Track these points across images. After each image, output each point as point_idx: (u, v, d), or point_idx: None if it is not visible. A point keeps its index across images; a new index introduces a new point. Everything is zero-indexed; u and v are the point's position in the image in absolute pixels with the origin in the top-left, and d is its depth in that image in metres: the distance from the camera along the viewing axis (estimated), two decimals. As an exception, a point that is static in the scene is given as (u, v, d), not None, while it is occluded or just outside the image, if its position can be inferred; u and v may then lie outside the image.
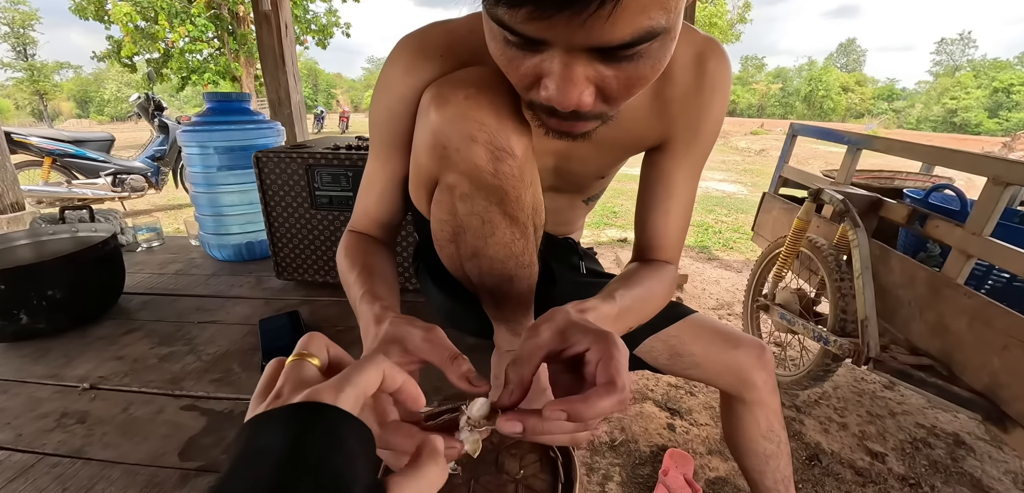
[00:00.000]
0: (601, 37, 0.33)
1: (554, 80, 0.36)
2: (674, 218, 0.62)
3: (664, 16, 0.33)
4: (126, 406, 0.75)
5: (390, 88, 0.54)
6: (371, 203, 0.62)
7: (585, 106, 0.38)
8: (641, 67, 0.37)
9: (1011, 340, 0.99)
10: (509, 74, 0.41)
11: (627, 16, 0.31)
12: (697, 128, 0.58)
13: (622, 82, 0.38)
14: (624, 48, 0.34)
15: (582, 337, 0.39)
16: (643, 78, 0.38)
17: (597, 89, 0.38)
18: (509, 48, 0.37)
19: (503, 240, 0.52)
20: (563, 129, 0.43)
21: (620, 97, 0.39)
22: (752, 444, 0.79)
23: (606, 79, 0.37)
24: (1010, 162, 1.05)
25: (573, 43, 0.34)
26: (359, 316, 0.50)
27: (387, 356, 0.39)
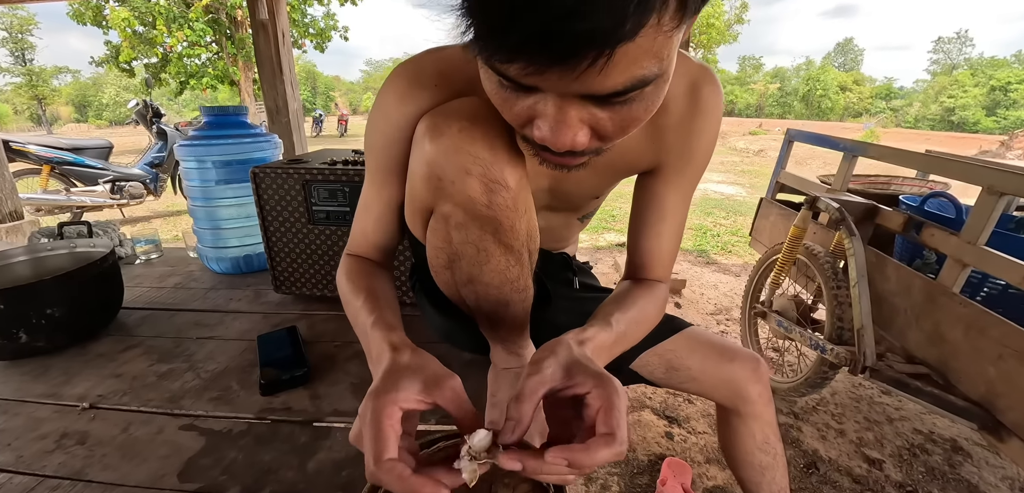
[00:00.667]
0: (593, 87, 0.33)
1: (548, 122, 0.37)
2: (666, 240, 0.63)
3: (656, 64, 0.34)
4: (125, 426, 0.76)
5: (385, 116, 0.55)
6: (369, 227, 0.63)
7: (579, 146, 0.38)
8: (635, 110, 0.38)
9: (1006, 350, 1.00)
10: (503, 113, 0.41)
11: (620, 68, 0.32)
12: (690, 153, 0.59)
13: (616, 124, 0.38)
14: (617, 95, 0.35)
15: (585, 379, 0.40)
16: (637, 119, 0.39)
17: (591, 129, 0.39)
18: (503, 90, 0.38)
19: (498, 267, 0.53)
20: (558, 163, 0.43)
21: (615, 137, 0.40)
22: (748, 456, 0.80)
23: (600, 121, 0.38)
24: (1004, 172, 1.06)
25: (567, 91, 0.34)
26: (370, 341, 0.50)
27: (408, 388, 0.40)
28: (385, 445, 0.37)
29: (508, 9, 0.29)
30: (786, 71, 65.80)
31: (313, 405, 0.79)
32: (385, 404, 0.38)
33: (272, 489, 0.63)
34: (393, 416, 0.38)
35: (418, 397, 0.40)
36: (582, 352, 0.44)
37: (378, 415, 0.38)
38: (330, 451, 0.69)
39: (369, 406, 0.39)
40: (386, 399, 0.39)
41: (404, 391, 0.40)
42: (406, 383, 0.41)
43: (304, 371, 0.84)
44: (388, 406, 0.38)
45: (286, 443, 0.71)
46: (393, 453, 0.37)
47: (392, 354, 0.45)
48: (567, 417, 0.43)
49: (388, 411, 0.38)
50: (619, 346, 0.55)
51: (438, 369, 0.43)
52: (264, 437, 0.72)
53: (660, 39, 0.32)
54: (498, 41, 0.31)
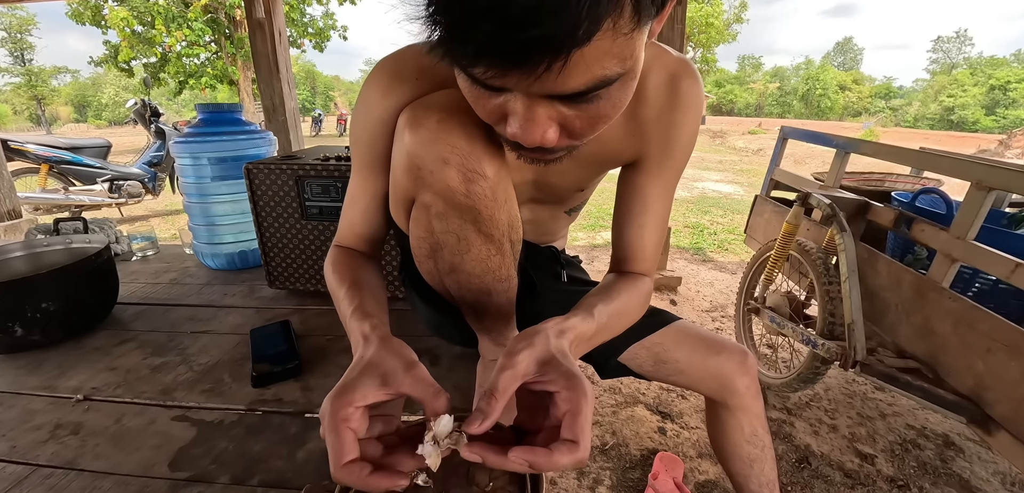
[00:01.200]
0: (555, 88, 0.34)
1: (518, 120, 0.38)
2: (649, 232, 0.64)
3: (618, 64, 0.34)
4: (119, 417, 0.76)
5: (368, 110, 0.56)
6: (356, 219, 0.64)
7: (549, 142, 0.39)
8: (602, 107, 0.38)
9: (994, 344, 1.01)
10: (477, 110, 0.42)
11: (579, 71, 0.33)
12: (670, 146, 0.60)
13: (584, 121, 0.39)
14: (581, 95, 0.36)
15: (557, 377, 0.41)
16: (605, 117, 0.40)
17: (560, 127, 0.39)
18: (474, 88, 0.39)
19: (479, 256, 0.54)
20: (534, 158, 0.44)
21: (585, 133, 0.41)
22: (736, 449, 0.81)
23: (568, 118, 0.39)
24: (992, 167, 1.07)
25: (532, 91, 0.35)
26: (349, 333, 0.51)
27: (364, 385, 0.41)
28: (343, 449, 0.38)
29: (465, 16, 0.30)
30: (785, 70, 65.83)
31: (304, 397, 0.80)
32: (340, 407, 0.39)
33: (261, 478, 0.64)
34: (350, 418, 0.39)
35: (377, 391, 0.41)
36: (559, 345, 0.45)
37: (334, 419, 0.39)
38: (320, 441, 0.69)
39: (326, 409, 0.39)
40: (341, 402, 0.39)
41: (361, 389, 0.40)
42: (364, 380, 0.41)
43: (295, 364, 0.85)
44: (343, 408, 0.39)
45: (276, 434, 0.72)
46: (351, 455, 0.38)
47: (361, 349, 0.46)
48: (535, 405, 0.44)
49: (343, 413, 0.39)
50: (600, 337, 0.56)
51: (399, 359, 0.43)
52: (255, 428, 0.73)
53: (619, 41, 0.33)
54: (459, 46, 0.32)
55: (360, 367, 0.43)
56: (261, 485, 0.63)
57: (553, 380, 0.41)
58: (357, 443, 0.39)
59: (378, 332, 0.47)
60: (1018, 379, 0.96)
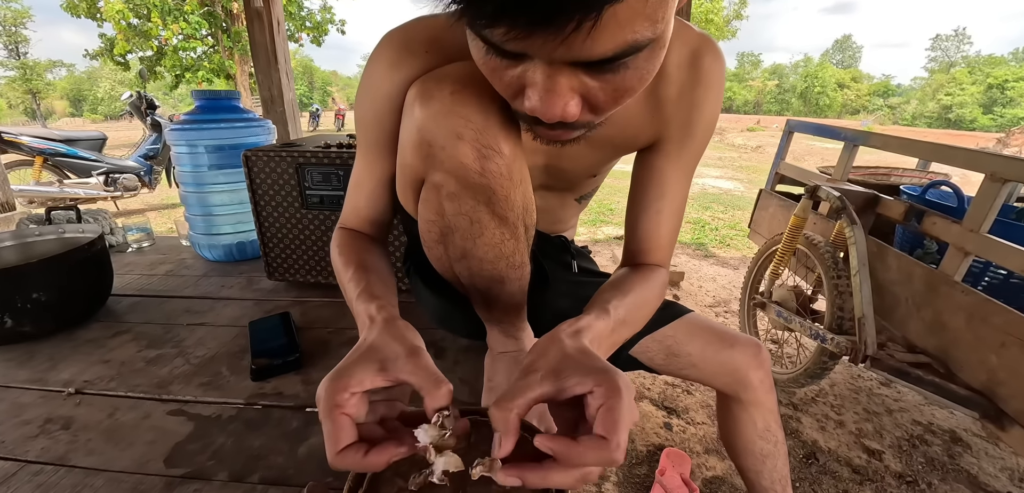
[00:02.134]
0: (581, 53, 0.31)
1: (537, 92, 0.35)
2: (666, 219, 0.61)
3: (650, 28, 0.32)
4: (112, 411, 0.74)
5: (374, 86, 0.53)
6: (361, 203, 0.61)
7: (570, 117, 0.36)
8: (628, 78, 0.35)
9: (1009, 337, 0.99)
10: (493, 82, 0.39)
11: (609, 32, 0.30)
12: (691, 127, 0.57)
13: (608, 94, 0.36)
14: (607, 62, 0.33)
15: (583, 378, 0.37)
16: (630, 89, 0.37)
17: (583, 99, 0.37)
18: (491, 58, 0.36)
19: (492, 241, 0.51)
20: (551, 137, 0.41)
21: (608, 108, 0.38)
22: (749, 444, 0.79)
23: (591, 90, 0.36)
24: (1008, 158, 1.05)
25: (555, 57, 0.32)
26: (356, 317, 0.49)
27: (361, 370, 0.38)
28: (339, 435, 0.36)
29: None
30: (784, 68, 65.82)
31: (305, 390, 0.77)
32: (335, 391, 0.37)
33: (261, 474, 0.61)
34: (345, 403, 0.37)
35: (375, 377, 0.38)
36: (577, 345, 0.41)
37: (328, 404, 0.36)
38: (322, 436, 0.67)
39: (322, 394, 0.37)
40: (335, 386, 0.37)
41: (357, 374, 0.38)
42: (361, 365, 0.39)
43: (296, 357, 0.82)
44: (338, 393, 0.37)
45: (277, 428, 0.69)
46: (346, 440, 0.36)
47: (365, 332, 0.44)
48: (573, 418, 0.39)
49: (338, 398, 0.37)
50: (619, 334, 0.53)
51: (402, 344, 0.41)
52: (254, 422, 0.71)
53: (653, 2, 0.30)
54: (480, 4, 0.29)
55: (360, 351, 0.41)
56: (261, 482, 0.60)
57: (579, 383, 0.37)
58: (354, 428, 0.37)
59: (384, 313, 0.45)
60: (1034, 374, 0.95)
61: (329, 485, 0.52)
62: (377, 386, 0.39)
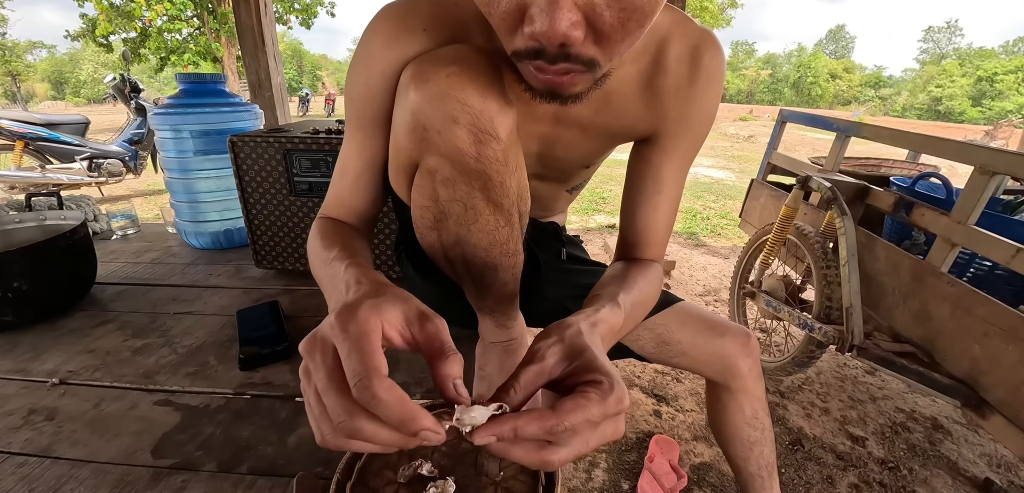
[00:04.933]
0: None
1: (538, 6, 0.33)
2: (662, 213, 0.60)
3: None
4: (97, 402, 0.73)
5: (369, 62, 0.50)
6: (345, 190, 0.58)
7: (574, 41, 0.34)
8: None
9: (992, 328, 1.01)
10: (492, 15, 0.37)
11: None
12: (689, 121, 0.56)
13: (615, 13, 0.34)
14: None
15: (586, 373, 0.36)
16: (638, 10, 0.34)
17: (588, 23, 0.34)
18: None
19: (486, 227, 0.50)
20: (552, 84, 0.38)
21: (613, 35, 0.35)
22: (737, 431, 0.80)
23: (597, 7, 0.34)
24: (996, 151, 1.05)
25: None
26: (334, 277, 0.44)
27: (392, 309, 0.34)
28: (378, 360, 0.29)
29: None
30: (777, 57, 65.93)
31: (294, 379, 0.77)
32: (370, 315, 0.31)
33: (250, 464, 0.61)
34: (378, 331, 0.31)
35: (400, 326, 0.34)
36: (594, 339, 0.39)
37: (363, 326, 0.30)
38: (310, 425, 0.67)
39: (351, 317, 0.31)
40: (371, 311, 0.31)
41: (389, 311, 0.33)
42: (392, 305, 0.34)
43: (285, 346, 0.81)
44: (373, 317, 0.31)
45: (266, 418, 0.69)
46: (386, 368, 0.29)
47: (369, 284, 0.37)
48: None
49: (374, 323, 0.31)
50: (625, 329, 0.51)
51: (422, 305, 0.36)
52: (243, 412, 0.70)
53: None
54: None
55: (383, 292, 0.35)
56: (250, 473, 0.60)
57: (580, 375, 0.36)
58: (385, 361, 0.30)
59: (389, 283, 0.39)
60: (1015, 363, 0.97)
61: (318, 475, 0.52)
62: (396, 338, 0.34)
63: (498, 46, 0.40)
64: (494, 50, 0.48)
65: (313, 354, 0.31)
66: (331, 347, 0.31)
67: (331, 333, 0.31)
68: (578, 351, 0.38)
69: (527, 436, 0.32)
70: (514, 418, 0.32)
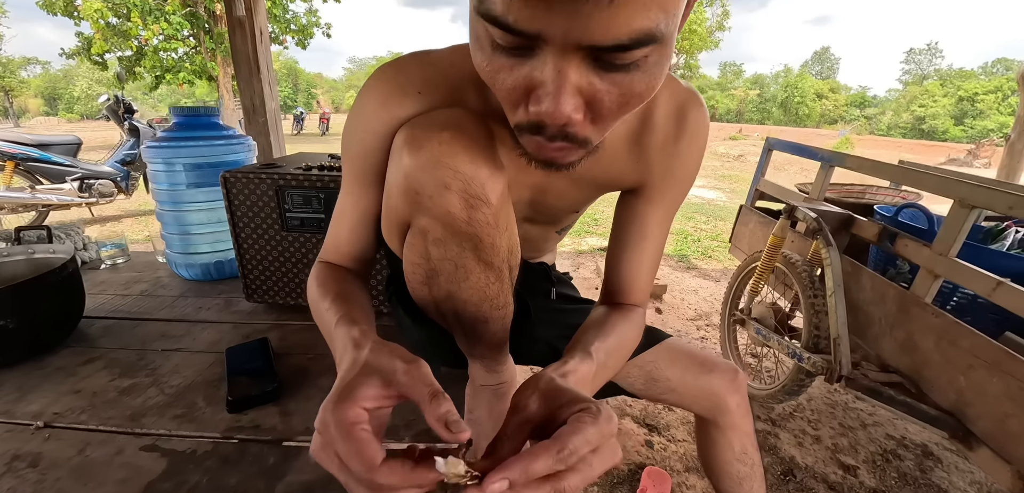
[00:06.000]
0: (598, 32, 0.31)
1: (546, 88, 0.35)
2: (647, 262, 0.62)
3: (664, 19, 0.32)
4: (82, 446, 0.72)
5: (365, 122, 0.52)
6: (343, 237, 0.60)
7: (575, 123, 0.36)
8: (635, 82, 0.36)
9: (976, 360, 1.02)
10: (497, 88, 0.39)
11: (627, 12, 0.30)
12: (674, 175, 0.58)
13: (614, 98, 0.36)
14: (621, 51, 0.33)
15: (567, 405, 0.38)
16: (636, 96, 0.37)
17: (587, 105, 0.37)
18: (498, 56, 0.36)
19: (477, 284, 0.51)
20: (549, 156, 0.41)
21: (610, 117, 0.38)
22: (726, 467, 0.80)
23: (598, 93, 0.36)
24: (976, 186, 1.08)
25: (569, 38, 0.32)
26: (334, 340, 0.47)
27: (367, 386, 0.37)
28: (372, 452, 0.33)
29: None
30: (765, 78, 67.21)
31: (283, 422, 0.76)
32: (348, 409, 0.35)
33: (237, 514, 0.60)
34: (361, 419, 0.35)
35: (379, 393, 0.37)
36: (565, 384, 0.42)
37: (346, 425, 0.34)
38: (300, 473, 0.66)
39: (331, 418, 0.35)
40: (348, 404, 0.35)
41: (363, 388, 0.36)
42: (365, 381, 0.37)
43: (274, 387, 0.81)
44: (351, 409, 0.35)
45: (254, 464, 0.68)
46: (381, 454, 0.33)
47: (353, 352, 0.41)
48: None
49: (353, 414, 0.35)
50: (600, 378, 0.53)
51: (399, 359, 0.39)
52: (230, 458, 0.69)
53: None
54: None
55: (358, 368, 0.39)
56: (236, 523, 0.59)
57: (566, 409, 0.38)
58: (379, 445, 0.34)
59: (371, 336, 0.43)
60: (999, 396, 0.98)
61: None
62: (381, 404, 0.37)
63: (492, 106, 0.41)
64: (487, 110, 0.50)
65: (325, 461, 0.36)
66: (333, 451, 0.35)
67: (326, 437, 0.35)
68: (555, 392, 0.40)
69: (536, 473, 0.34)
70: (521, 459, 0.34)
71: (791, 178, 6.93)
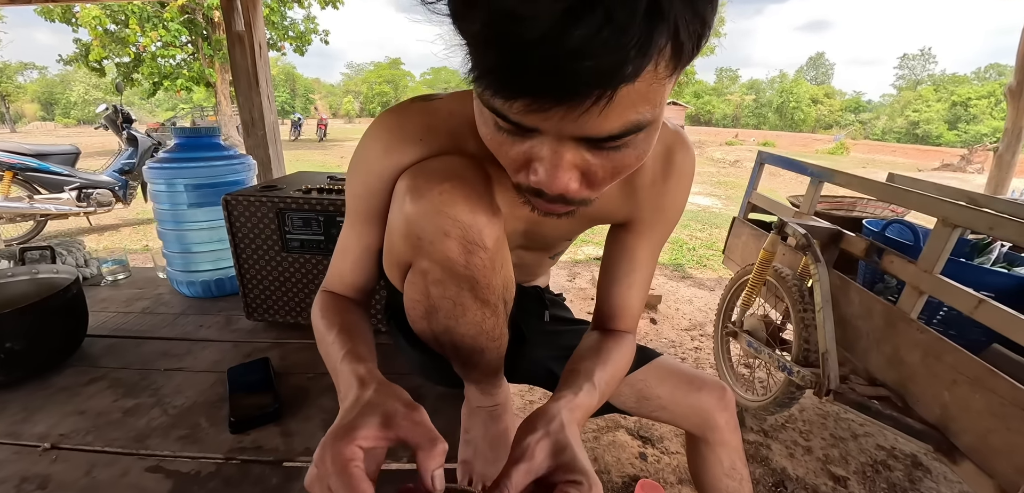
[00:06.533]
0: (591, 129, 0.34)
1: (544, 166, 0.38)
2: (636, 291, 0.65)
3: (650, 110, 0.35)
4: (89, 468, 0.73)
5: (368, 165, 0.55)
6: (346, 269, 0.63)
7: (571, 193, 0.40)
8: (626, 157, 0.39)
9: (959, 376, 1.05)
10: (499, 156, 0.42)
11: (618, 111, 0.33)
12: (662, 211, 0.62)
13: (607, 170, 0.40)
14: (612, 140, 0.36)
15: (568, 474, 0.42)
16: (627, 166, 0.40)
17: (582, 175, 0.40)
18: (500, 133, 0.39)
19: (474, 320, 0.55)
20: (548, 210, 0.44)
21: (604, 184, 0.41)
22: (716, 482, 0.83)
23: (592, 166, 0.39)
24: (958, 206, 1.11)
25: (564, 133, 0.35)
26: (338, 375, 0.50)
27: (367, 425, 0.39)
28: (361, 489, 0.35)
29: (519, 46, 0.29)
30: (761, 83, 67.65)
31: (284, 443, 0.78)
32: (344, 446, 0.37)
33: (240, 536, 0.62)
34: (356, 456, 0.37)
35: (378, 433, 0.39)
36: (574, 432, 0.46)
37: (341, 461, 0.36)
38: (301, 494, 0.68)
39: (328, 453, 0.37)
40: (345, 441, 0.37)
41: (362, 429, 0.39)
42: (365, 421, 0.39)
43: (275, 408, 0.83)
44: (348, 446, 0.37)
45: (256, 486, 0.70)
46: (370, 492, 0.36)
47: (357, 390, 0.44)
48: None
49: (349, 452, 0.37)
50: (599, 404, 0.57)
51: (400, 403, 0.42)
52: (233, 479, 0.71)
53: (655, 85, 0.33)
54: (506, 77, 0.31)
55: (360, 407, 0.41)
56: (240, 545, 0.61)
57: (562, 474, 0.42)
58: (370, 484, 0.36)
59: (376, 376, 0.46)
60: (981, 411, 1.01)
61: None
62: (379, 444, 0.40)
63: (489, 151, 0.44)
64: (485, 154, 0.53)
65: (319, 473, 0.38)
66: (326, 484, 0.37)
67: (321, 470, 0.37)
68: (561, 447, 0.44)
69: None
70: None
71: (787, 186, 6.97)
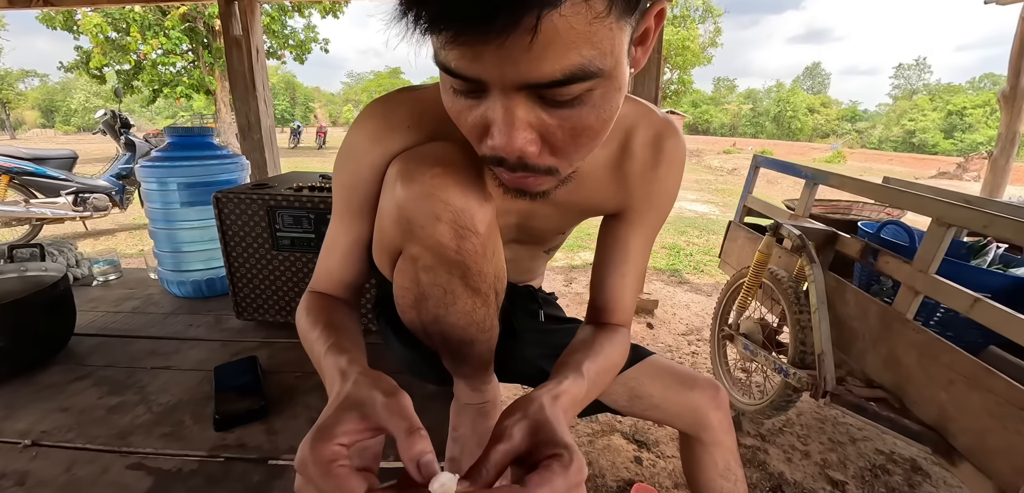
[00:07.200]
0: (531, 72, 0.33)
1: (498, 125, 0.37)
2: (630, 283, 0.64)
3: (597, 56, 0.34)
4: (69, 465, 0.72)
5: (356, 155, 0.54)
6: (334, 265, 0.61)
7: (530, 156, 0.38)
8: (585, 116, 0.38)
9: (956, 376, 1.04)
10: (461, 126, 0.41)
11: (555, 51, 0.32)
12: (653, 199, 0.61)
13: (566, 132, 0.38)
14: (559, 86, 0.34)
15: (548, 448, 0.40)
16: (588, 128, 0.39)
17: (541, 138, 0.39)
18: (457, 99, 0.39)
19: (464, 309, 0.53)
20: (517, 184, 0.43)
21: (567, 148, 0.40)
22: (710, 483, 0.81)
23: (548, 126, 0.38)
24: (952, 205, 1.11)
25: (507, 80, 0.34)
26: (324, 370, 0.48)
27: (345, 421, 0.37)
28: (350, 487, 0.34)
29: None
30: (758, 93, 68.13)
31: (269, 441, 0.77)
32: (324, 448, 0.35)
33: (221, 534, 0.61)
34: (339, 456, 0.35)
35: (357, 427, 0.37)
36: (554, 413, 0.43)
37: (322, 464, 0.34)
38: (284, 492, 0.67)
39: (308, 458, 0.35)
40: (324, 442, 0.35)
41: (341, 425, 0.37)
42: (343, 416, 0.37)
43: (261, 405, 0.82)
44: (327, 447, 0.35)
45: (239, 483, 0.69)
46: (363, 489, 0.34)
47: (339, 384, 0.42)
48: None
49: (330, 452, 0.35)
50: (589, 397, 0.55)
51: (379, 392, 0.39)
52: (216, 477, 0.70)
53: (594, 26, 0.32)
54: (424, 7, 0.31)
55: (338, 403, 0.39)
56: (220, 543, 0.60)
57: (543, 450, 0.39)
58: (361, 479, 0.34)
59: (356, 366, 0.44)
60: (978, 411, 1.00)
61: None
62: (361, 438, 0.38)
63: None
64: None
65: (305, 481, 0.36)
66: (314, 490, 0.35)
67: (306, 476, 0.35)
68: (540, 426, 0.41)
69: None
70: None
71: (783, 192, 6.99)
